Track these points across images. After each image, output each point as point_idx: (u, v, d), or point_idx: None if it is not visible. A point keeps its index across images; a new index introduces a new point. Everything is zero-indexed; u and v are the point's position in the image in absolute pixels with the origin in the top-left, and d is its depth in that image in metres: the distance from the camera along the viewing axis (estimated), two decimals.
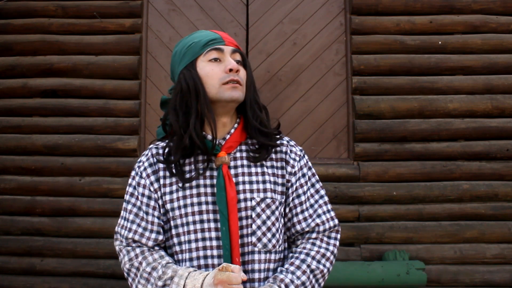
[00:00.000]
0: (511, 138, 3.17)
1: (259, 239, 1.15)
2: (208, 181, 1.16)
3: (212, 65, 1.16)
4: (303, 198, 1.22)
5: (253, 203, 1.15)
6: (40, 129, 3.23)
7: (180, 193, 1.15)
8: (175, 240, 1.16)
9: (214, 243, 1.12)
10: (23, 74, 3.29)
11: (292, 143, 1.29)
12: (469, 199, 3.11)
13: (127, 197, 1.23)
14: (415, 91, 3.22)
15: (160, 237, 1.17)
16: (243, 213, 1.15)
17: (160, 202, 1.18)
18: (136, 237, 1.16)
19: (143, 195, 1.19)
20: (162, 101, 1.28)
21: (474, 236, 3.07)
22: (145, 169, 1.22)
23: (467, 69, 3.24)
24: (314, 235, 1.21)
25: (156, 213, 1.18)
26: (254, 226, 1.14)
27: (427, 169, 3.14)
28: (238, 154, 1.19)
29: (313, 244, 1.20)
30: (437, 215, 3.10)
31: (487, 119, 3.18)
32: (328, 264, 1.21)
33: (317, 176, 1.29)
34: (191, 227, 1.13)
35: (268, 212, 1.16)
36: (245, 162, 1.19)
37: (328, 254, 1.21)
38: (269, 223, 1.16)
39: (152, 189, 1.19)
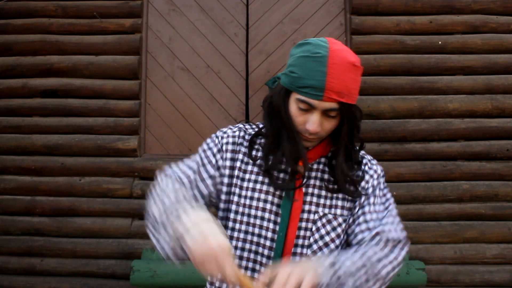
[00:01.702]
0: (511, 138, 3.17)
1: (314, 253, 1.12)
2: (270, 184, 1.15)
3: (297, 111, 1.05)
4: (367, 209, 1.14)
5: (316, 216, 1.12)
6: (40, 129, 3.23)
7: (251, 184, 1.14)
8: (230, 223, 1.16)
9: (268, 243, 1.11)
10: (23, 74, 3.29)
11: (374, 162, 1.21)
12: (469, 199, 3.11)
13: (196, 154, 1.21)
14: (415, 91, 3.22)
15: (204, 196, 1.16)
16: (303, 224, 1.12)
17: (225, 179, 1.16)
18: (185, 180, 1.15)
19: (214, 156, 1.17)
20: (271, 82, 1.28)
21: (474, 236, 3.07)
22: (227, 143, 1.18)
23: (467, 69, 3.24)
24: (375, 242, 1.08)
25: (211, 182, 1.16)
26: (311, 239, 1.12)
27: (427, 169, 3.14)
28: (315, 166, 1.16)
29: (372, 246, 1.07)
30: (437, 215, 3.10)
31: (487, 119, 3.18)
32: (388, 269, 1.06)
33: (389, 195, 1.20)
34: (251, 220, 1.13)
35: (328, 227, 1.13)
36: (319, 174, 1.15)
37: (390, 258, 1.07)
38: (327, 238, 1.13)
39: (224, 164, 1.16)
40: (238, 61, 3.40)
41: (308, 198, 1.13)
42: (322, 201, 1.13)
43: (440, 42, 3.25)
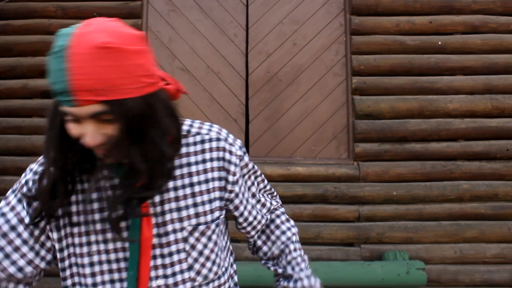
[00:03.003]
0: (511, 138, 3.17)
1: (198, 273, 0.98)
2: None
3: (70, 124, 0.81)
4: (251, 205, 1.11)
5: (185, 233, 0.95)
6: (40, 130, 3.24)
7: (83, 228, 0.93)
8: (75, 280, 0.96)
9: (125, 285, 0.93)
10: (23, 75, 3.29)
11: (231, 139, 1.03)
12: (469, 199, 3.11)
13: None
14: (415, 91, 3.22)
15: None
16: (174, 247, 0.95)
17: (54, 235, 0.95)
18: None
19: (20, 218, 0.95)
20: None
21: (474, 236, 3.07)
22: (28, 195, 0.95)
23: (467, 69, 3.24)
24: (274, 224, 1.20)
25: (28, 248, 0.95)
26: (190, 260, 0.96)
27: (427, 169, 3.14)
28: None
29: (272, 221, 1.20)
30: (437, 215, 3.10)
31: (487, 119, 3.19)
32: (292, 222, 1.21)
33: (255, 168, 1.13)
34: (96, 269, 0.93)
35: (204, 240, 0.98)
36: (171, 184, 0.95)
37: (286, 216, 1.22)
38: (207, 252, 0.98)
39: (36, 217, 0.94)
40: (238, 62, 3.41)
41: (168, 216, 0.94)
42: (184, 213, 0.96)
43: (440, 42, 3.26)
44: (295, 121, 3.34)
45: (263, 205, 1.16)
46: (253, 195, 1.13)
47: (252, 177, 1.13)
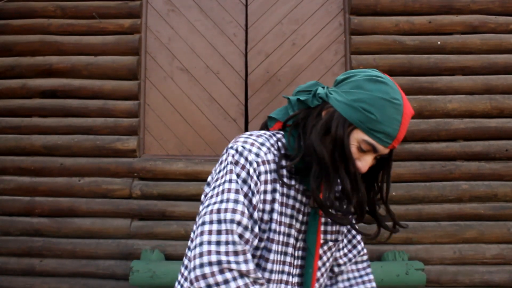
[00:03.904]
0: (510, 138, 3.17)
1: (326, 271, 1.12)
2: (300, 217, 1.03)
3: (354, 147, 0.96)
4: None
5: (330, 243, 1.11)
6: (40, 129, 3.24)
7: (287, 220, 1.01)
8: (264, 263, 1.02)
9: (296, 279, 1.05)
10: (22, 74, 3.29)
11: None
12: (469, 199, 3.11)
13: (220, 189, 0.95)
14: (414, 91, 3.22)
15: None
16: (327, 255, 1.11)
17: (265, 216, 0.99)
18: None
19: (253, 195, 0.96)
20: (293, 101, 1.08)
21: (473, 236, 3.07)
22: (266, 172, 0.97)
23: (466, 69, 3.24)
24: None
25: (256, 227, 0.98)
26: (327, 264, 1.12)
27: (427, 170, 3.14)
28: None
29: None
30: (437, 215, 3.10)
31: (486, 119, 3.18)
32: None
33: None
34: (287, 259, 1.03)
35: (334, 249, 1.13)
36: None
37: None
38: (331, 260, 1.14)
39: (264, 197, 0.98)
40: (237, 62, 3.40)
41: (322, 227, 1.08)
42: (329, 228, 1.10)
43: (439, 42, 3.25)
44: None
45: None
46: None
47: None
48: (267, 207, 0.97)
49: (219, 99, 3.38)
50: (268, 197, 0.97)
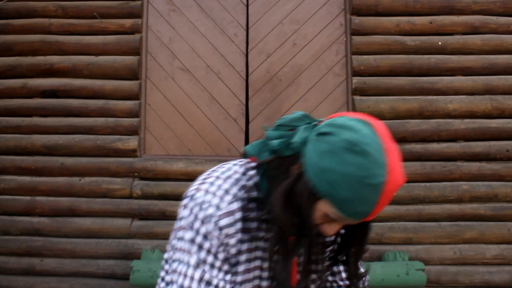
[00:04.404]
0: (510, 138, 3.17)
1: None
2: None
3: (321, 215, 0.85)
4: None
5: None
6: (40, 129, 3.23)
7: (242, 268, 0.93)
8: None
9: None
10: (23, 74, 3.29)
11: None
12: (469, 199, 3.11)
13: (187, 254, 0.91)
14: (415, 92, 3.22)
15: None
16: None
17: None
18: None
19: (218, 268, 0.91)
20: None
21: (473, 236, 3.07)
22: (234, 244, 0.90)
23: (467, 69, 3.24)
24: None
25: None
26: None
27: (427, 170, 3.14)
28: None
29: None
30: (437, 215, 3.10)
31: (487, 119, 3.18)
32: None
33: None
34: None
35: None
36: None
37: None
38: None
39: (229, 269, 0.92)
40: (238, 62, 3.40)
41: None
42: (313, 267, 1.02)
43: (440, 43, 3.25)
44: None
45: None
46: None
47: None
48: (232, 260, 0.91)
49: (219, 99, 3.38)
50: (233, 250, 0.89)
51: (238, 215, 0.89)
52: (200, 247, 0.88)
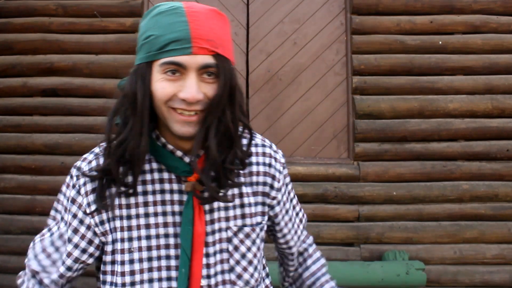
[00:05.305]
0: (511, 138, 3.16)
1: (239, 276, 0.95)
2: (176, 207, 0.91)
3: (164, 82, 0.83)
4: (289, 217, 1.11)
5: (229, 233, 0.94)
6: (40, 128, 3.23)
7: (142, 221, 0.90)
8: (119, 279, 0.90)
9: (174, 284, 0.89)
10: (23, 73, 3.29)
11: (274, 147, 1.07)
12: (469, 199, 3.11)
13: (53, 212, 1.01)
14: (415, 91, 3.22)
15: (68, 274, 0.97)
16: (217, 247, 0.93)
17: (97, 229, 0.92)
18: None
19: (74, 216, 0.93)
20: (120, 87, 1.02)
21: (474, 236, 3.07)
22: (84, 184, 0.92)
23: (467, 69, 3.24)
24: (307, 253, 1.19)
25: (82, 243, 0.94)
26: (232, 261, 0.94)
27: (427, 169, 3.14)
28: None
29: (306, 249, 1.19)
30: (437, 215, 3.10)
31: (487, 119, 3.18)
32: (320, 252, 1.22)
33: (291, 185, 1.13)
34: (154, 264, 0.90)
35: (248, 242, 0.96)
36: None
37: (315, 246, 1.22)
38: (250, 255, 0.96)
39: (88, 211, 0.92)
40: (238, 61, 3.40)
41: (216, 215, 0.94)
42: (231, 213, 0.95)
43: (440, 42, 3.25)
44: (295, 120, 3.34)
45: (301, 220, 1.17)
46: (293, 207, 1.14)
47: (291, 189, 1.12)
48: (104, 216, 0.91)
49: None
50: (93, 207, 0.91)
51: (96, 161, 0.94)
52: (64, 195, 1.00)
